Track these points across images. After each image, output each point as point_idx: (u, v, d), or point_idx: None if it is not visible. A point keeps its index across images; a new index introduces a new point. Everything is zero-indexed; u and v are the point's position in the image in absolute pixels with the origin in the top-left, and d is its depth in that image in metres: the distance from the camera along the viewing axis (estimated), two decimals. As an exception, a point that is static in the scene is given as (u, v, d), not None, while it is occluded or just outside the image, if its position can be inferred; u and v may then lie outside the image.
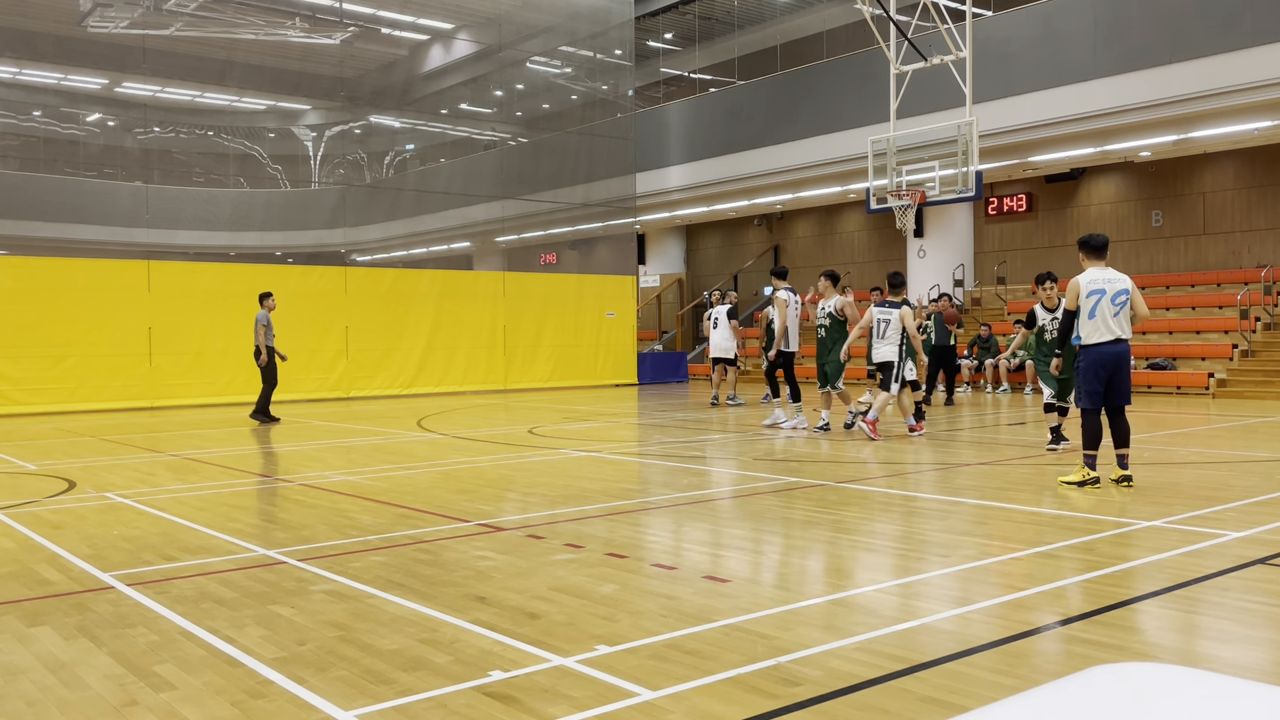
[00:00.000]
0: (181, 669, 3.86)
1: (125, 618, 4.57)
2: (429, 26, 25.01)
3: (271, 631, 4.31)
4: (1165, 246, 22.16)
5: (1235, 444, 10.79)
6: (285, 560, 5.71)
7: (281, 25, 22.11)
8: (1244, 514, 6.60)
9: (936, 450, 10.77)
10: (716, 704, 3.38)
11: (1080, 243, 8.13)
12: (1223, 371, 18.27)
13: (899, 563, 5.49)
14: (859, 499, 7.52)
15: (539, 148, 26.21)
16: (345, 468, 9.98)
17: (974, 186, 15.24)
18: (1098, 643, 4.03)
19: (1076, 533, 6.08)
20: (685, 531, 6.52)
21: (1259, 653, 3.96)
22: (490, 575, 5.27)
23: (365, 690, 3.59)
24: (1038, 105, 18.85)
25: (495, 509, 7.32)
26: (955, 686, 3.53)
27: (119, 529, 6.72)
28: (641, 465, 9.80)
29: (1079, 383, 7.89)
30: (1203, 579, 4.94)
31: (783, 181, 24.02)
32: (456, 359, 21.95)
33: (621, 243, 25.83)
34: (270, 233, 23.60)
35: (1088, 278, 7.85)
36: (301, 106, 24.77)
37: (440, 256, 27.70)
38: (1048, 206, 24.02)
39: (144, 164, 21.24)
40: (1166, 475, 8.53)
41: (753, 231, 30.91)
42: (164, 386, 18.52)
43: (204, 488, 8.61)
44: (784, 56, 26.30)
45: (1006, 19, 19.84)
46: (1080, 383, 7.87)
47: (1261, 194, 20.79)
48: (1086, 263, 8.01)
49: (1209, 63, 16.77)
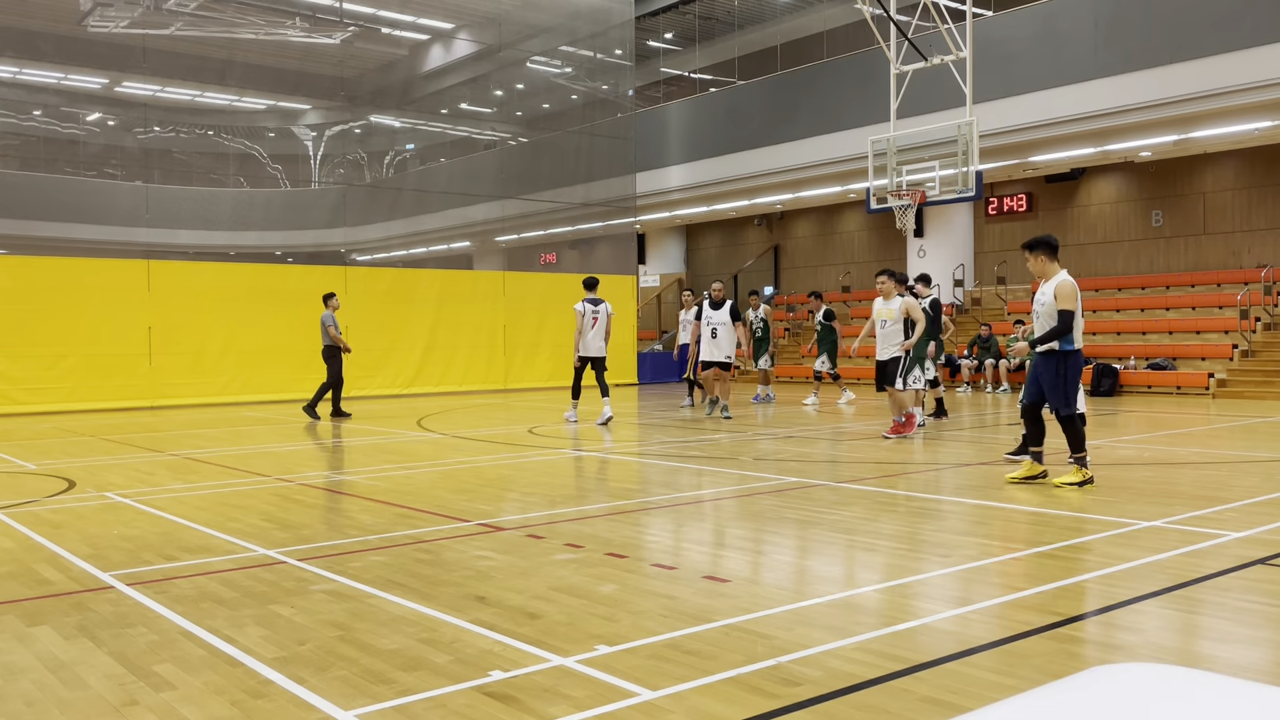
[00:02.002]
0: (181, 669, 3.86)
1: (125, 617, 4.57)
2: (429, 26, 25.02)
3: (271, 631, 4.31)
4: (1165, 246, 22.16)
5: (1235, 444, 10.79)
6: (285, 560, 5.71)
7: (281, 25, 22.11)
8: (1244, 514, 6.59)
9: (936, 450, 10.77)
10: (716, 704, 3.38)
11: (1045, 243, 7.96)
12: (1223, 371, 18.27)
13: (899, 563, 5.49)
14: (858, 499, 7.52)
15: (539, 147, 26.21)
16: (345, 467, 9.97)
17: (974, 186, 15.24)
18: (1098, 643, 4.03)
19: (1076, 533, 6.08)
20: (685, 531, 6.52)
21: (1259, 653, 3.95)
22: (490, 575, 5.27)
23: (365, 690, 3.59)
24: (1038, 105, 18.85)
25: (495, 509, 7.31)
26: (955, 687, 3.52)
27: (119, 528, 6.72)
28: (641, 465, 9.80)
29: (1065, 387, 7.79)
30: (1203, 579, 4.94)
31: (783, 181, 24.02)
32: (456, 359, 21.94)
33: (621, 242, 25.83)
34: (270, 232, 23.61)
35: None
36: (301, 106, 24.78)
37: (440, 256, 27.71)
38: (1048, 206, 24.02)
39: (144, 163, 21.24)
40: (1167, 475, 8.53)
41: (753, 231, 30.91)
42: (164, 386, 18.52)
43: (204, 487, 8.61)
44: (784, 56, 26.30)
45: (1007, 19, 19.84)
46: (1069, 387, 7.82)
47: (1262, 194, 20.79)
48: (1053, 264, 7.90)
49: (1209, 63, 16.77)
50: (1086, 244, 23.22)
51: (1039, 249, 7.97)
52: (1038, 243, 8.01)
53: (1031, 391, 8.11)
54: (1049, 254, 7.92)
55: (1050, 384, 7.84)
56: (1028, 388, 8.17)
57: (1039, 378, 7.96)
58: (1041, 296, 7.91)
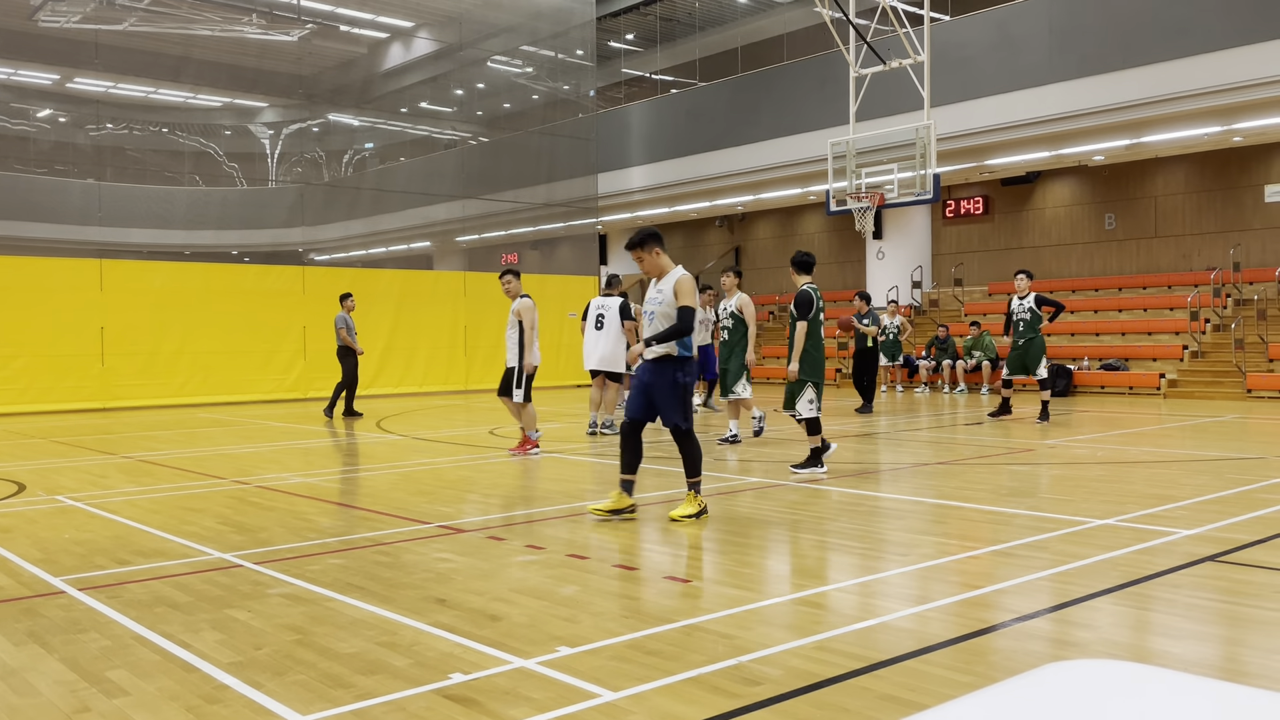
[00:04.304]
0: (135, 674, 3.79)
1: (77, 623, 4.49)
2: (388, 24, 24.83)
3: (227, 636, 4.25)
4: (1118, 249, 22.55)
5: (1185, 443, 11.01)
6: (241, 563, 5.64)
7: (238, 21, 21.83)
8: (1194, 512, 6.73)
9: (895, 450, 10.87)
10: (678, 704, 3.39)
11: (653, 236, 6.81)
12: (1173, 372, 18.62)
13: (858, 562, 5.54)
14: (818, 499, 7.57)
15: (500, 147, 26.11)
16: (303, 469, 9.87)
17: (932, 189, 15.41)
18: (1053, 639, 4.09)
19: (1031, 531, 6.17)
20: (646, 532, 6.53)
21: (1209, 648, 4.03)
22: (450, 577, 5.24)
23: (323, 694, 3.56)
24: (994, 109, 19.10)
25: (455, 510, 7.27)
26: (913, 684, 3.56)
27: (70, 532, 6.60)
28: (602, 466, 9.79)
29: (683, 398, 6.76)
30: (1154, 576, 5.03)
31: (744, 183, 24.14)
32: (416, 360, 21.79)
33: (583, 243, 25.79)
34: (226, 231, 23.30)
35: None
36: (258, 104, 24.46)
37: (400, 256, 27.51)
38: (1004, 209, 24.34)
39: (96, 161, 20.87)
40: (1119, 474, 8.68)
41: (714, 232, 31.01)
42: (117, 387, 18.21)
43: (158, 490, 8.47)
44: (745, 58, 26.43)
45: (964, 23, 20.09)
46: (686, 398, 6.78)
47: (1210, 198, 21.23)
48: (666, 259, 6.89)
49: (1160, 69, 17.10)
50: (1041, 246, 23.56)
51: (649, 243, 6.79)
52: (647, 236, 6.79)
53: (637, 405, 6.86)
54: (660, 246, 6.85)
55: (666, 396, 6.72)
56: (632, 401, 6.90)
57: (648, 389, 6.78)
58: (657, 295, 6.79)
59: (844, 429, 12.85)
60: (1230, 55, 16.40)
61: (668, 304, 6.71)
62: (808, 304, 8.94)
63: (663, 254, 6.85)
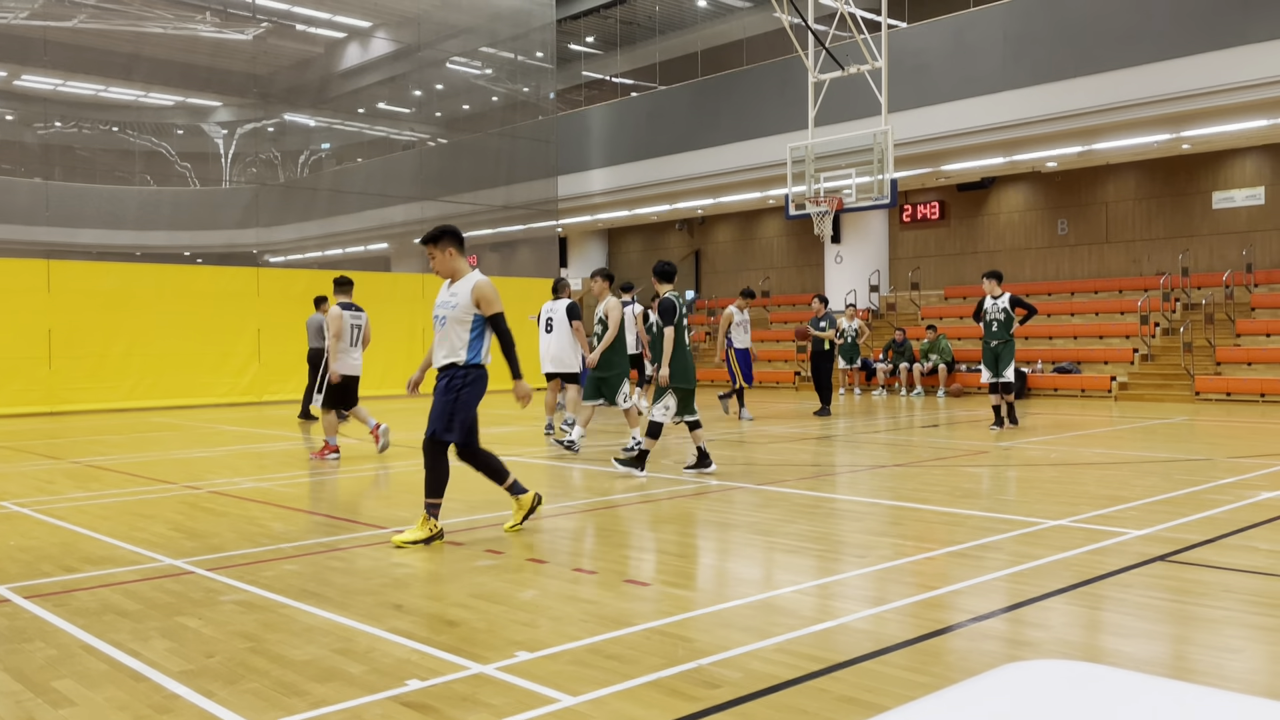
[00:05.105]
0: (82, 684, 3.70)
1: (22, 631, 4.38)
2: (345, 24, 24.59)
3: (178, 644, 4.17)
4: (1070, 254, 22.91)
5: (1136, 445, 11.20)
6: (193, 570, 5.53)
7: (191, 19, 21.50)
8: (1144, 513, 6.84)
9: (852, 453, 10.95)
10: (637, 708, 3.37)
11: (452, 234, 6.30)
12: (1124, 375, 18.95)
13: (816, 564, 5.56)
14: (776, 501, 7.60)
15: (459, 149, 25.95)
16: (257, 474, 9.72)
17: (889, 194, 15.56)
18: (1007, 639, 4.13)
19: (986, 532, 6.24)
20: (605, 536, 6.51)
21: (1160, 647, 4.10)
22: (407, 583, 5.18)
23: (277, 702, 3.50)
24: (950, 115, 19.34)
25: (413, 515, 7.20)
26: (872, 685, 3.58)
27: (15, 539, 6.44)
28: (561, 469, 9.76)
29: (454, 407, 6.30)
30: (1106, 576, 5.11)
31: (703, 187, 24.22)
32: (374, 362, 21.55)
33: (543, 245, 25.72)
34: (179, 232, 22.92)
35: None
36: (212, 103, 24.11)
37: (357, 258, 27.22)
38: (960, 214, 24.64)
39: (44, 160, 20.45)
40: (1072, 475, 8.80)
41: (674, 236, 31.08)
42: (65, 391, 17.83)
43: (107, 496, 8.30)
44: (705, 62, 26.52)
45: (920, 30, 20.32)
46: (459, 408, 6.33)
47: (1160, 204, 21.65)
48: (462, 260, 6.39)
49: (1111, 77, 17.43)
50: (996, 251, 23.88)
51: (445, 240, 6.24)
52: (444, 233, 6.25)
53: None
54: (458, 247, 6.30)
55: (439, 402, 6.26)
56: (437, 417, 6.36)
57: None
58: (451, 299, 6.24)
59: (804, 431, 12.93)
60: (1179, 64, 16.75)
61: (462, 309, 6.19)
62: (671, 311, 9.04)
63: (459, 255, 6.30)
